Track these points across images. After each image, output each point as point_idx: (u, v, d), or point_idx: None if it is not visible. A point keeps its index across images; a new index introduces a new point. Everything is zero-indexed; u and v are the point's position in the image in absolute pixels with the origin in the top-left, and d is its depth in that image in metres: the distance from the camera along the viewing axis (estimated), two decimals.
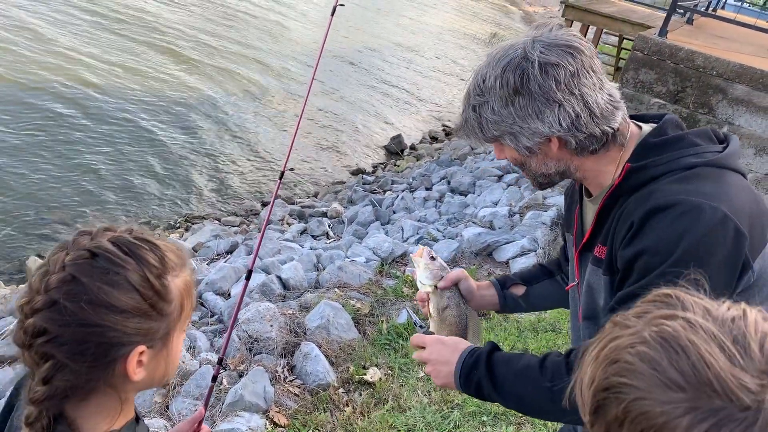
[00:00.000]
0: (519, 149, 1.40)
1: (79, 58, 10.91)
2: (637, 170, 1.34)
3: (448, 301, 1.69)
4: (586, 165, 1.41)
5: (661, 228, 1.24)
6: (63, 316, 0.96)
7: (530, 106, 1.33)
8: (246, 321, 4.20)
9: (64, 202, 7.51)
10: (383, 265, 5.53)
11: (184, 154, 9.43)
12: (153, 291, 1.02)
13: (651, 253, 1.24)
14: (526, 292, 1.83)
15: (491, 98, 1.36)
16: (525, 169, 1.47)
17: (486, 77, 1.36)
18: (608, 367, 0.73)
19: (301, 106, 3.04)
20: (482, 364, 1.44)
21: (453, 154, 10.74)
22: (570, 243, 1.61)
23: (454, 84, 17.26)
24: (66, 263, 0.98)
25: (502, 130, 1.38)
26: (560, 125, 1.33)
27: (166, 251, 1.07)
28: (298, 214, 8.41)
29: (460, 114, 1.47)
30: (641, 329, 0.73)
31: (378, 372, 3.90)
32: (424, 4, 28.02)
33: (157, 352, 1.06)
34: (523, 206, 6.95)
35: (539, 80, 1.30)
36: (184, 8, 15.63)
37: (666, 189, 1.28)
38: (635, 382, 0.70)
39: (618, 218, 1.35)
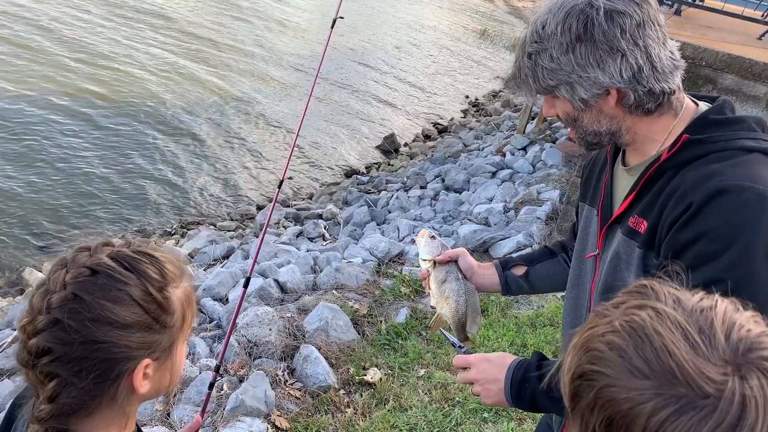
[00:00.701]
0: (574, 101, 1.34)
1: (68, 65, 10.88)
2: (695, 143, 1.29)
3: (446, 275, 1.73)
4: (638, 127, 1.36)
5: (726, 213, 1.18)
6: (67, 335, 0.96)
7: (592, 54, 1.27)
8: (245, 326, 4.20)
9: (59, 211, 7.49)
10: (380, 265, 5.54)
11: (177, 160, 9.41)
12: (155, 304, 1.02)
13: (710, 239, 1.19)
14: (527, 272, 1.81)
15: (550, 45, 1.30)
16: (576, 125, 1.40)
17: (546, 23, 1.31)
18: (583, 355, 0.76)
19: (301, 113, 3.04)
20: (533, 377, 1.42)
21: (446, 152, 10.75)
22: (590, 213, 1.57)
23: (444, 81, 17.27)
24: (67, 282, 0.98)
25: (559, 79, 1.32)
26: (621, 76, 1.28)
27: (165, 263, 1.07)
28: (294, 217, 8.41)
29: (512, 64, 1.41)
30: (614, 318, 0.76)
31: (378, 372, 3.91)
32: (411, 2, 28.03)
33: (162, 363, 1.07)
34: (518, 202, 6.96)
35: (604, 27, 1.26)
36: (181, 11, 15.60)
37: (729, 172, 1.21)
38: (604, 370, 0.72)
39: (667, 193, 1.29)
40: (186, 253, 6.71)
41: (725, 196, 1.19)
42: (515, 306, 4.96)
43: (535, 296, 5.14)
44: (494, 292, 1.87)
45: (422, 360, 4.13)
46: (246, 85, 12.82)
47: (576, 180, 5.82)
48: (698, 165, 1.27)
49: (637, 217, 1.36)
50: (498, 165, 8.90)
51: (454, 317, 1.71)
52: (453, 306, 1.71)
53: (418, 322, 4.55)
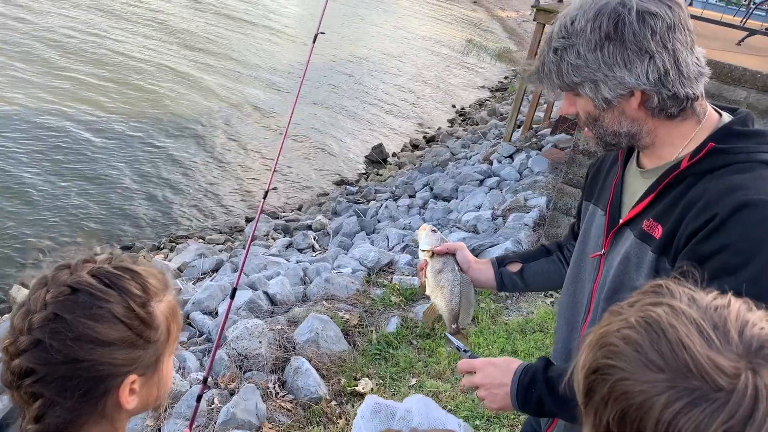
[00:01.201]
0: (596, 100, 1.33)
1: (44, 83, 10.84)
2: (719, 152, 1.28)
3: (442, 265, 1.76)
4: (659, 130, 1.35)
5: (749, 226, 1.18)
6: (49, 355, 0.95)
7: (620, 54, 1.26)
8: (235, 339, 4.18)
9: (46, 227, 7.43)
10: (370, 274, 5.55)
11: (164, 175, 9.39)
12: (138, 320, 1.02)
13: (733, 252, 1.18)
14: (521, 269, 1.82)
15: (578, 41, 1.29)
16: (596, 125, 1.38)
17: (575, 19, 1.30)
18: (598, 351, 0.77)
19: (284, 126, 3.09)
20: (540, 381, 1.42)
21: (434, 161, 10.80)
22: (594, 212, 1.57)
23: (430, 91, 17.36)
24: (47, 301, 0.97)
25: (584, 76, 1.31)
26: (647, 78, 1.27)
27: (147, 277, 1.06)
28: (283, 228, 8.40)
29: (536, 58, 1.39)
30: (629, 315, 0.77)
31: (369, 382, 3.90)
32: (397, 13, 28.19)
33: (149, 378, 1.06)
34: (506, 209, 7.00)
35: (634, 27, 1.25)
36: (163, 24, 15.60)
37: (753, 185, 1.21)
38: (619, 363, 0.73)
39: (688, 201, 1.28)
40: (175, 267, 6.68)
41: (749, 210, 1.19)
42: (505, 312, 4.98)
43: (524, 302, 5.17)
44: (489, 288, 1.88)
45: (413, 369, 4.13)
46: (231, 100, 12.83)
47: (563, 187, 5.87)
48: (720, 175, 1.27)
49: (651, 221, 1.35)
50: (485, 173, 8.96)
51: (447, 307, 1.74)
52: (447, 296, 1.73)
53: (409, 331, 4.56)
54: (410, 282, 5.29)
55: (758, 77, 4.84)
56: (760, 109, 4.87)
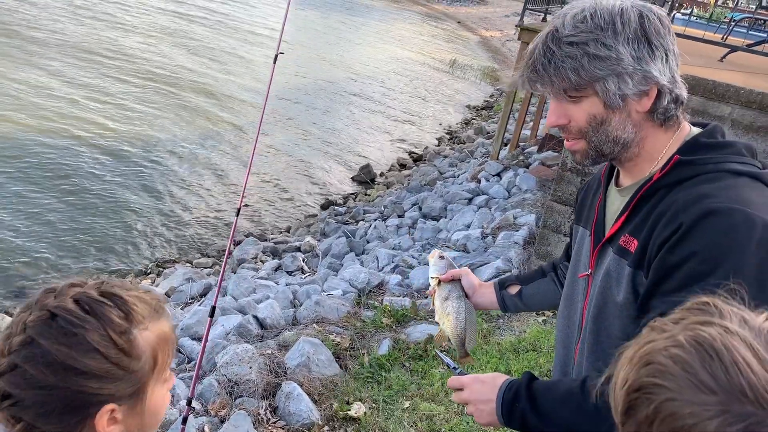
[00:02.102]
0: (613, 98, 1.31)
1: (29, 107, 10.78)
2: (685, 164, 1.32)
3: (448, 293, 1.84)
4: (649, 138, 1.37)
5: (715, 234, 1.20)
6: (23, 380, 0.94)
7: (647, 48, 1.29)
8: (224, 364, 4.11)
9: (33, 255, 7.33)
10: (360, 296, 5.50)
11: (150, 200, 9.32)
12: (116, 349, 0.99)
13: (699, 260, 1.20)
14: (520, 291, 1.89)
15: (604, 34, 1.28)
16: (600, 130, 1.36)
17: (595, 14, 1.29)
18: (642, 369, 0.74)
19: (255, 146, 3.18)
20: (523, 397, 1.43)
21: (422, 180, 10.81)
22: (583, 235, 1.59)
23: (417, 110, 17.45)
24: (27, 324, 0.96)
25: (610, 69, 1.29)
26: (664, 76, 1.31)
27: (134, 304, 1.03)
28: (272, 251, 8.34)
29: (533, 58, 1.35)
30: (677, 333, 0.74)
31: (362, 406, 3.84)
32: (382, 34, 28.45)
33: (132, 407, 1.03)
34: (495, 227, 7.00)
35: (657, 25, 1.30)
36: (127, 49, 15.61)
37: (719, 194, 1.24)
38: (667, 383, 0.71)
39: (658, 213, 1.30)
40: (162, 292, 6.59)
41: (715, 218, 1.21)
42: (497, 332, 4.95)
43: (517, 322, 5.14)
44: (495, 309, 1.97)
45: (406, 392, 4.07)
46: (213, 123, 12.82)
47: (551, 204, 5.88)
48: (688, 186, 1.30)
49: (627, 236, 1.37)
50: (474, 191, 8.97)
51: (453, 333, 1.82)
52: (453, 323, 1.81)
53: (401, 353, 4.51)
54: (401, 303, 5.25)
55: (741, 93, 4.89)
56: (744, 124, 4.92)
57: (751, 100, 4.87)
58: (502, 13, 39.73)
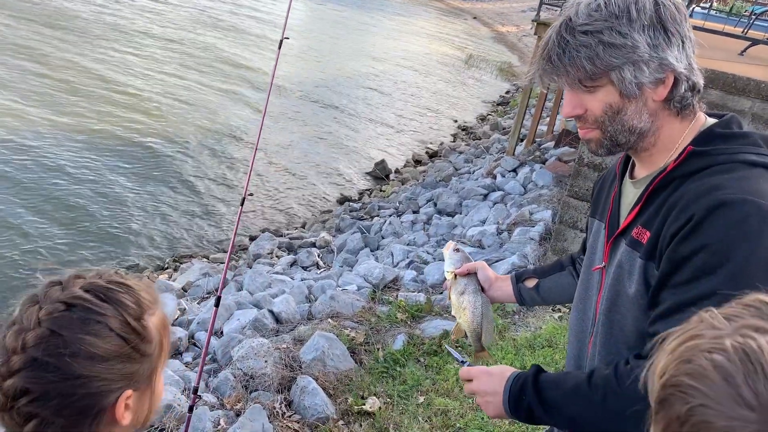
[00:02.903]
0: (629, 86, 1.29)
1: (69, 99, 10.90)
2: (699, 155, 1.30)
3: (464, 287, 1.84)
4: (665, 127, 1.36)
5: (726, 225, 1.18)
6: (46, 373, 0.93)
7: (662, 35, 1.28)
8: (240, 358, 4.14)
9: (48, 249, 7.42)
10: (375, 291, 5.50)
11: (167, 195, 9.39)
12: (134, 333, 1.00)
13: (711, 251, 1.19)
14: (537, 284, 1.87)
15: (618, 22, 1.27)
16: (616, 119, 1.34)
17: (609, 3, 1.28)
18: (681, 365, 0.71)
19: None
20: (530, 389, 1.43)
21: (438, 176, 10.79)
22: (598, 227, 1.58)
23: (432, 106, 17.41)
24: (41, 318, 0.95)
25: (626, 57, 1.27)
26: (681, 62, 1.30)
27: (139, 291, 1.05)
28: (287, 246, 8.37)
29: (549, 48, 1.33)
30: (725, 335, 0.70)
31: (377, 401, 3.85)
32: (397, 31, 28.39)
33: (143, 393, 1.05)
34: (511, 223, 6.96)
35: (674, 12, 1.29)
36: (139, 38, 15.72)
37: (731, 185, 1.22)
38: (704, 389, 0.67)
39: (670, 204, 1.29)
40: (179, 287, 6.65)
41: (726, 209, 1.19)
42: (513, 328, 4.93)
43: (532, 318, 5.11)
44: (511, 303, 1.97)
45: (421, 387, 4.07)
46: (229, 117, 12.88)
47: (568, 199, 5.83)
48: (701, 177, 1.28)
49: (640, 227, 1.36)
50: (489, 187, 8.93)
51: (470, 327, 1.83)
52: (469, 317, 1.82)
53: (416, 348, 4.51)
54: (416, 298, 5.24)
55: (762, 87, 4.82)
56: (765, 119, 4.85)
57: None
58: (518, 8, 39.48)
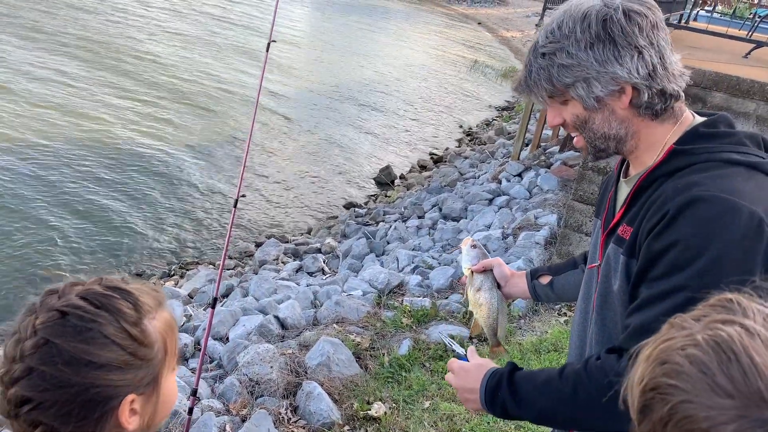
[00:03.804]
0: (588, 100, 1.36)
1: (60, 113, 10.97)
2: (680, 153, 1.33)
3: (480, 284, 1.89)
4: (643, 132, 1.39)
5: (698, 222, 1.21)
6: (43, 382, 0.94)
7: (611, 50, 1.31)
8: (245, 364, 4.15)
9: (55, 257, 7.46)
10: (380, 296, 5.51)
11: (173, 202, 9.43)
12: (131, 339, 1.00)
13: (682, 247, 1.21)
14: (551, 282, 1.91)
15: (568, 43, 1.34)
16: (586, 128, 1.41)
17: (561, 24, 1.35)
18: (657, 367, 0.72)
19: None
20: (504, 385, 1.47)
21: (443, 181, 10.79)
22: (597, 226, 1.62)
23: (437, 112, 17.43)
24: (37, 327, 0.96)
25: (576, 75, 1.34)
26: (638, 73, 1.31)
27: (139, 295, 1.05)
28: (293, 252, 8.39)
29: (522, 69, 1.44)
30: (696, 332, 0.71)
31: (383, 406, 3.85)
32: (401, 35, 28.46)
33: (148, 397, 1.05)
34: (516, 228, 6.96)
35: (622, 24, 1.30)
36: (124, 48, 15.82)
37: (707, 183, 1.24)
38: (682, 385, 0.68)
39: (650, 202, 1.32)
40: (185, 294, 6.67)
41: (699, 206, 1.21)
42: (518, 333, 4.92)
43: (538, 322, 5.10)
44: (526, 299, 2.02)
45: (427, 392, 4.07)
46: (237, 123, 12.94)
47: (573, 204, 5.83)
48: (681, 175, 1.31)
49: (625, 225, 1.40)
50: (494, 192, 8.92)
51: (486, 322, 1.88)
52: (485, 313, 1.87)
53: (421, 353, 4.50)
54: (421, 303, 5.24)
55: (767, 89, 4.81)
56: None
57: None
58: (522, 13, 39.50)
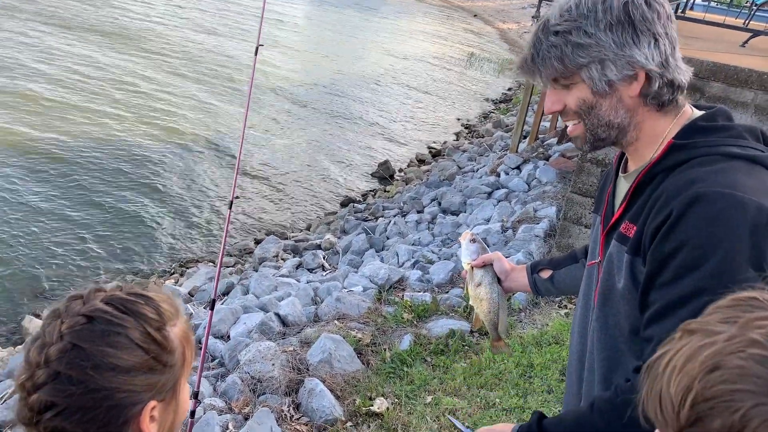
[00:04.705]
0: (599, 83, 1.33)
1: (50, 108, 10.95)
2: (680, 148, 1.31)
3: (480, 278, 1.88)
4: (646, 123, 1.37)
5: (705, 221, 1.19)
6: (69, 387, 0.94)
7: (630, 34, 1.30)
8: (247, 362, 4.15)
9: (55, 257, 7.46)
10: (381, 292, 5.50)
11: (173, 201, 9.42)
12: (156, 344, 1.01)
13: (691, 248, 1.20)
14: (551, 276, 1.89)
15: (586, 22, 1.31)
16: (591, 114, 1.38)
17: (579, 3, 1.32)
18: (709, 375, 0.68)
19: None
20: None
21: (441, 175, 10.78)
22: (597, 222, 1.60)
23: (435, 105, 17.40)
24: (63, 332, 0.96)
25: (592, 56, 1.31)
26: (653, 60, 1.31)
27: (160, 303, 1.06)
28: (292, 249, 8.39)
29: (527, 48, 1.39)
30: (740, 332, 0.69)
31: (385, 402, 3.85)
32: (398, 29, 28.39)
33: (167, 404, 1.06)
34: (515, 221, 6.95)
35: (643, 9, 1.30)
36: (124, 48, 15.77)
37: (709, 178, 1.22)
38: (753, 387, 0.65)
39: (653, 200, 1.30)
40: (185, 292, 6.67)
41: (703, 204, 1.20)
42: (519, 326, 4.92)
43: (539, 315, 5.11)
44: (526, 292, 2.02)
45: (428, 386, 4.07)
46: (230, 123, 12.92)
47: (572, 196, 5.82)
48: (682, 170, 1.29)
49: (627, 223, 1.37)
50: (493, 185, 8.92)
51: (486, 317, 1.88)
52: (486, 308, 1.87)
53: (423, 348, 4.51)
54: (422, 298, 5.24)
55: (765, 78, 4.80)
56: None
57: None
58: (518, 4, 39.40)
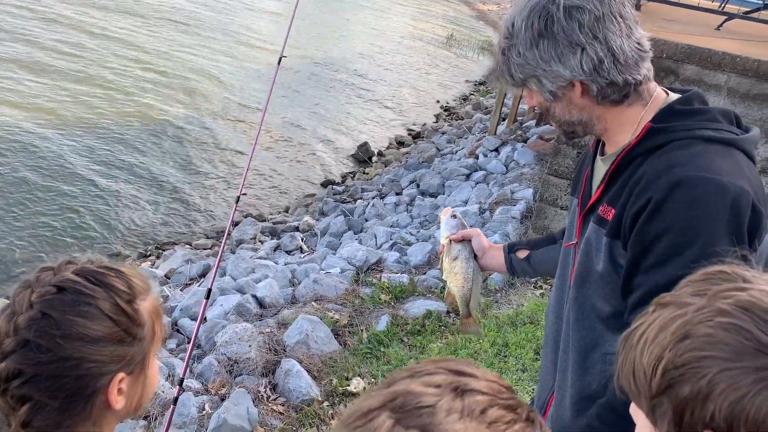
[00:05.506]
0: (543, 94, 1.41)
1: (23, 92, 10.72)
2: (657, 131, 1.33)
3: (457, 253, 1.89)
4: (608, 116, 1.41)
5: (686, 205, 1.22)
6: (37, 355, 0.95)
7: (553, 49, 1.34)
8: (224, 343, 4.15)
9: (27, 239, 7.34)
10: (359, 274, 5.52)
11: (149, 182, 9.31)
12: (125, 316, 1.02)
13: (675, 232, 1.22)
14: (528, 256, 1.91)
15: (518, 41, 1.37)
16: (550, 115, 1.47)
17: (514, 21, 1.38)
18: (679, 344, 0.70)
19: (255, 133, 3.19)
20: None
21: (420, 157, 10.78)
22: (574, 205, 1.62)
23: (414, 87, 17.34)
24: (33, 301, 0.97)
25: (527, 73, 1.39)
26: (582, 69, 1.33)
27: (131, 277, 1.07)
28: (270, 231, 8.35)
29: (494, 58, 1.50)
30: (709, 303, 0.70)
31: (362, 382, 3.88)
32: (377, 10, 28.14)
33: (136, 377, 1.06)
34: (493, 202, 7.00)
35: (563, 23, 1.32)
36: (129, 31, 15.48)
37: (688, 162, 1.25)
38: (720, 353, 0.67)
39: (632, 183, 1.32)
40: (162, 274, 6.62)
41: (684, 188, 1.22)
42: (495, 306, 4.97)
43: (514, 295, 5.16)
44: (501, 273, 2.02)
45: (405, 366, 4.10)
46: (208, 108, 12.77)
47: (548, 178, 5.87)
48: (660, 154, 1.31)
49: (606, 205, 1.40)
50: (471, 167, 8.95)
51: (459, 292, 1.89)
52: (460, 282, 1.88)
53: (399, 329, 4.54)
54: (399, 280, 5.27)
55: (738, 61, 4.85)
56: (740, 93, 4.89)
57: (747, 68, 4.83)
58: None
